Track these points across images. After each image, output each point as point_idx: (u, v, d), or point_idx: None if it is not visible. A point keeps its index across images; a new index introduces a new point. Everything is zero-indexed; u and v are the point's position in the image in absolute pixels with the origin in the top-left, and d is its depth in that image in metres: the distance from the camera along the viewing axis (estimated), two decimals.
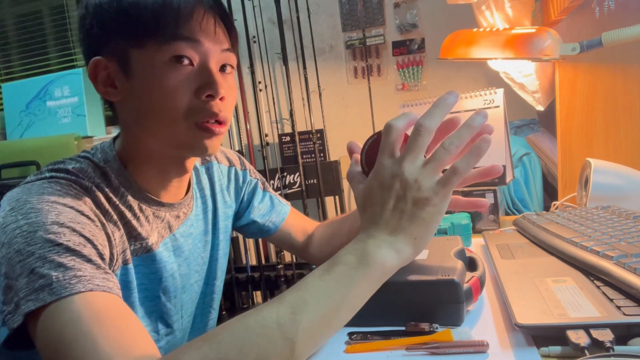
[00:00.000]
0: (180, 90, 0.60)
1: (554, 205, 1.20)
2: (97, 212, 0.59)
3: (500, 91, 1.11)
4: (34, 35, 2.73)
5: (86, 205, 0.58)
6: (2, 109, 2.30)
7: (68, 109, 2.14)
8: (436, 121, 0.50)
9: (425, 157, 0.50)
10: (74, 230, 0.52)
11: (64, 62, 2.69)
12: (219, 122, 0.62)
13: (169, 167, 0.68)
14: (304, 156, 2.26)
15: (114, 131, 2.21)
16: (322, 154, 2.24)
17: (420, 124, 0.49)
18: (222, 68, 0.64)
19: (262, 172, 2.25)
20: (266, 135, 2.30)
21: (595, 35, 0.93)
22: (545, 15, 1.50)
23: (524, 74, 1.57)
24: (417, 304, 0.59)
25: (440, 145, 0.49)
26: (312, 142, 2.24)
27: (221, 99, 0.62)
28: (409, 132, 0.51)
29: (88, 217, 0.56)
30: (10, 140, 2.18)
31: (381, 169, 0.51)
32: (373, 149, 0.54)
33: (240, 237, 2.40)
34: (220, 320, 0.65)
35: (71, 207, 0.55)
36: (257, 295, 2.46)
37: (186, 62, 0.60)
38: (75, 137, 1.97)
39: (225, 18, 0.63)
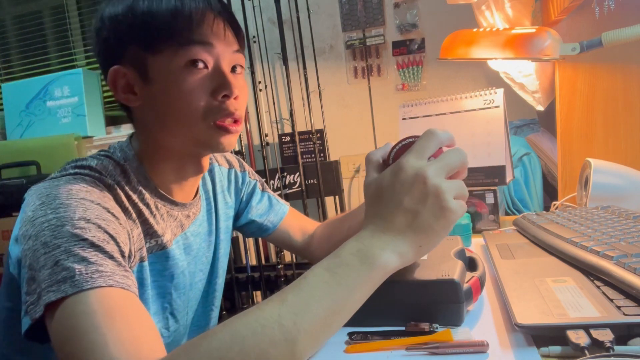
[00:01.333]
0: (198, 93, 0.62)
1: (554, 205, 1.20)
2: (119, 209, 0.61)
3: (500, 91, 1.11)
4: (34, 35, 2.72)
5: (110, 203, 0.59)
6: (2, 109, 2.30)
7: (68, 109, 2.14)
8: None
9: None
10: (99, 226, 0.54)
11: (64, 62, 2.68)
12: (235, 121, 0.66)
13: (186, 165, 0.70)
14: (304, 156, 2.26)
15: (114, 131, 2.21)
16: (322, 154, 2.24)
17: (463, 151, 0.51)
18: (233, 69, 0.67)
19: (262, 172, 2.25)
20: (266, 135, 2.30)
21: (595, 35, 0.93)
22: (545, 15, 1.50)
23: (524, 74, 1.57)
24: (417, 304, 0.59)
25: None
26: (312, 142, 2.24)
27: (235, 98, 0.65)
28: (444, 149, 0.51)
29: (113, 214, 0.58)
30: (10, 140, 2.18)
31: (406, 167, 0.49)
32: (404, 151, 0.52)
33: (241, 237, 2.40)
34: (221, 319, 0.66)
35: (98, 204, 0.56)
36: (257, 295, 2.46)
37: (201, 65, 0.63)
38: (75, 137, 1.97)
39: (233, 22, 0.66)
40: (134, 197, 0.65)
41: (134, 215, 0.64)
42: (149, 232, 0.66)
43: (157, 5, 0.61)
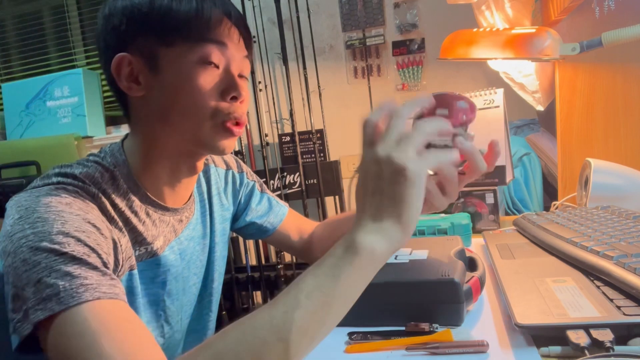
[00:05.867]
0: (208, 91, 0.63)
1: (554, 205, 1.20)
2: (104, 219, 0.60)
3: (500, 91, 1.11)
4: (34, 35, 2.72)
5: (92, 213, 0.58)
6: (2, 109, 2.30)
7: (68, 109, 2.14)
8: (408, 110, 0.52)
9: None
10: (78, 239, 0.53)
11: (64, 62, 2.68)
12: (238, 124, 0.66)
13: (180, 166, 0.69)
14: (304, 156, 2.26)
15: (114, 131, 2.21)
16: (322, 154, 2.24)
17: (395, 110, 0.52)
18: (240, 76, 0.67)
19: (262, 172, 2.25)
20: (266, 135, 2.30)
21: (595, 35, 0.93)
22: (545, 15, 1.50)
23: (524, 74, 1.57)
24: (417, 304, 0.59)
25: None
26: (312, 142, 2.24)
27: (241, 102, 0.66)
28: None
29: (94, 225, 0.56)
30: (10, 140, 2.18)
31: (362, 159, 0.51)
32: None
33: (241, 237, 2.40)
34: (219, 320, 0.66)
35: (77, 215, 0.55)
36: (257, 295, 2.46)
37: (213, 65, 0.63)
38: (75, 137, 1.97)
39: (247, 32, 0.68)
40: (122, 205, 0.63)
41: (120, 223, 0.62)
42: (138, 239, 0.65)
43: (176, 5, 0.62)
